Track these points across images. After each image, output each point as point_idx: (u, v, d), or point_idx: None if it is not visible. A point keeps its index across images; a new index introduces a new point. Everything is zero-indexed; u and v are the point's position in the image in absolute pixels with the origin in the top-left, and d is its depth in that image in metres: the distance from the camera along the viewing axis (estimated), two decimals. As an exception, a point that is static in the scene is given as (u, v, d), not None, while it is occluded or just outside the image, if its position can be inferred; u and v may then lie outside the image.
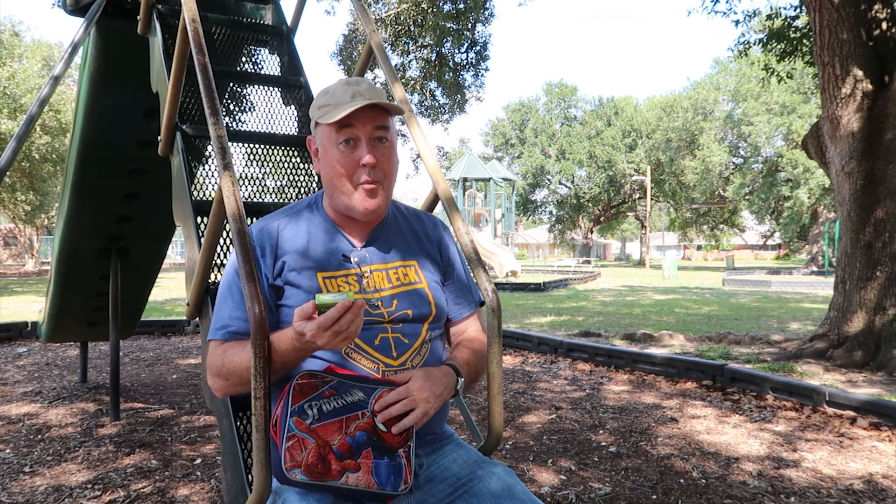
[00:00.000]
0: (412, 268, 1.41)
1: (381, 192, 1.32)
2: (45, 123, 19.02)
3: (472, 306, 1.50)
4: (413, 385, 1.21)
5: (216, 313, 1.33)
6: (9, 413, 4.13)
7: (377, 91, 1.33)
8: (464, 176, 24.82)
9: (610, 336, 7.35)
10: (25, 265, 27.68)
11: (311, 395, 1.17)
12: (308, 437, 1.14)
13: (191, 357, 6.25)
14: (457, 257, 1.52)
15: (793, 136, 28.20)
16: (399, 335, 1.33)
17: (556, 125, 45.89)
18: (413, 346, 1.34)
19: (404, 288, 1.38)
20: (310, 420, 1.15)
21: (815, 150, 6.35)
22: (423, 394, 1.19)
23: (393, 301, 1.35)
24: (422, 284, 1.40)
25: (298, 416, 1.15)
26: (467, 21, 13.44)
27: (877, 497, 2.74)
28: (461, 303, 1.49)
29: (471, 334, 1.47)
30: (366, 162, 1.28)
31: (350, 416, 1.17)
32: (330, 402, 1.18)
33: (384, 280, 1.37)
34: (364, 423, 1.18)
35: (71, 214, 3.83)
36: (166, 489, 2.85)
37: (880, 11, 5.62)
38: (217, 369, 1.26)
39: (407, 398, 1.19)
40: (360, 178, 1.30)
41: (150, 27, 2.68)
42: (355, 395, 1.20)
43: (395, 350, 1.32)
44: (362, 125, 1.29)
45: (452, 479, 1.28)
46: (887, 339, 5.31)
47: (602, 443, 3.52)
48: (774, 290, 16.23)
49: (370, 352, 1.30)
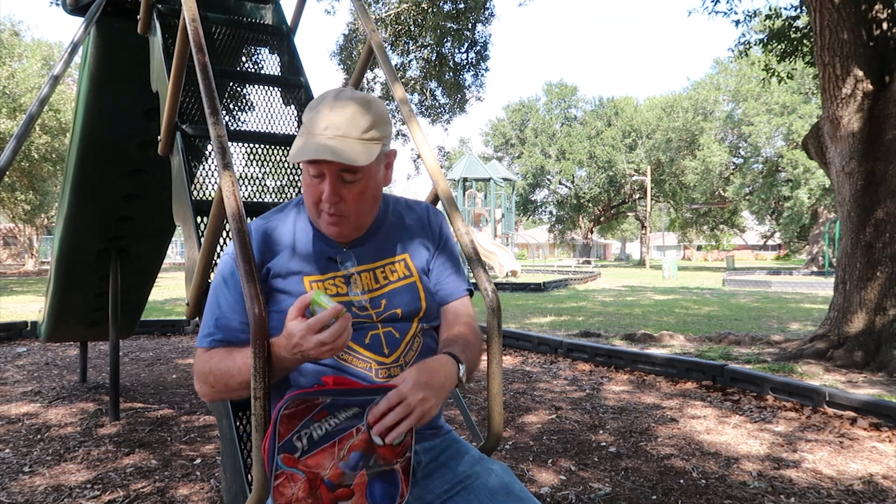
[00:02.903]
0: (402, 262, 1.38)
1: (345, 223, 1.28)
2: (45, 123, 19.03)
3: (461, 291, 1.43)
4: (405, 387, 1.11)
5: (203, 320, 1.32)
6: (8, 413, 4.12)
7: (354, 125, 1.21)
8: (464, 176, 24.80)
9: (610, 336, 7.35)
10: (25, 265, 27.69)
11: (301, 423, 1.10)
12: (297, 472, 1.08)
13: (190, 357, 6.25)
14: (451, 241, 1.48)
15: (793, 136, 28.21)
16: (390, 329, 1.31)
17: (556, 125, 45.91)
18: (405, 340, 1.31)
19: (393, 286, 1.35)
20: (299, 453, 1.09)
21: (815, 150, 6.35)
22: (418, 394, 1.11)
23: (381, 301, 1.32)
24: (413, 278, 1.37)
25: (287, 452, 1.08)
26: (467, 21, 13.44)
27: (877, 498, 2.74)
28: (452, 283, 1.43)
29: (462, 318, 1.41)
30: (325, 199, 1.24)
31: (344, 436, 1.10)
32: (321, 426, 1.10)
33: (372, 280, 1.34)
34: (359, 440, 1.10)
35: (71, 214, 3.83)
36: (166, 489, 2.85)
37: (881, 11, 5.61)
38: (204, 376, 1.26)
39: (399, 404, 1.10)
40: (323, 207, 1.26)
41: (150, 27, 2.68)
42: (349, 411, 1.11)
43: (386, 347, 1.29)
44: (327, 165, 1.21)
45: (450, 476, 1.27)
46: (888, 340, 5.31)
47: (602, 443, 3.52)
48: (774, 290, 16.23)
49: (361, 351, 1.28)
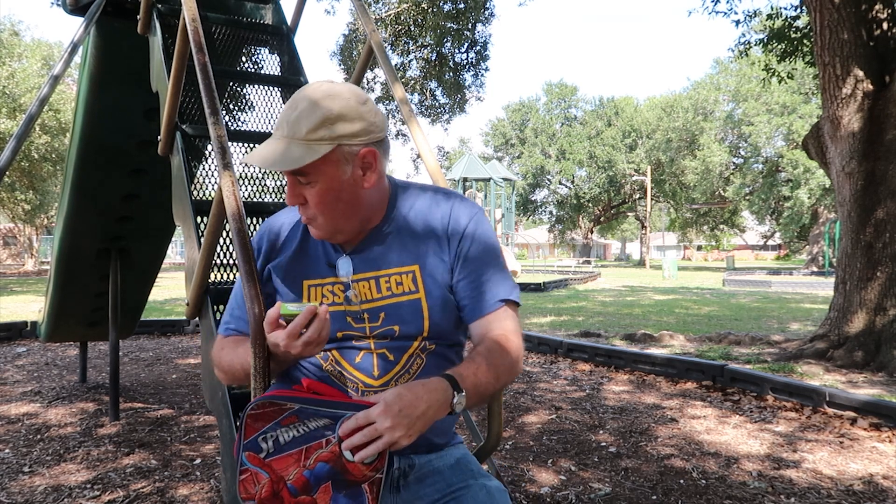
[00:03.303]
0: (410, 274, 1.24)
1: (318, 224, 1.22)
2: (45, 123, 19.03)
3: (493, 304, 1.24)
4: (374, 411, 1.01)
5: (227, 307, 1.38)
6: (8, 413, 4.12)
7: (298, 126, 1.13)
8: (464, 176, 24.82)
9: (610, 336, 7.35)
10: (25, 265, 27.69)
11: (267, 425, 1.08)
12: (261, 472, 1.06)
13: (190, 357, 6.25)
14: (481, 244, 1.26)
15: (793, 136, 28.21)
16: (384, 351, 1.23)
17: (556, 125, 45.91)
18: (400, 363, 1.22)
19: (395, 299, 1.23)
20: (264, 454, 1.07)
21: (815, 150, 6.34)
22: (386, 421, 0.99)
23: (380, 314, 1.23)
24: (418, 294, 1.23)
25: (252, 451, 1.07)
26: (467, 21, 13.44)
27: (877, 498, 2.74)
28: (481, 296, 1.24)
29: (491, 336, 1.22)
30: (287, 202, 1.22)
31: (312, 445, 1.06)
32: (289, 432, 1.07)
33: (372, 290, 1.24)
34: (327, 452, 1.05)
35: (71, 214, 3.83)
36: (166, 489, 2.85)
37: (881, 11, 5.61)
38: (217, 361, 1.31)
39: (368, 426, 1.00)
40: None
41: (150, 27, 2.68)
42: (320, 421, 1.07)
43: (377, 369, 1.21)
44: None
45: (443, 485, 1.21)
46: (888, 340, 5.31)
47: (602, 443, 3.52)
48: (775, 290, 16.23)
49: (350, 370, 1.22)
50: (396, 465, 1.23)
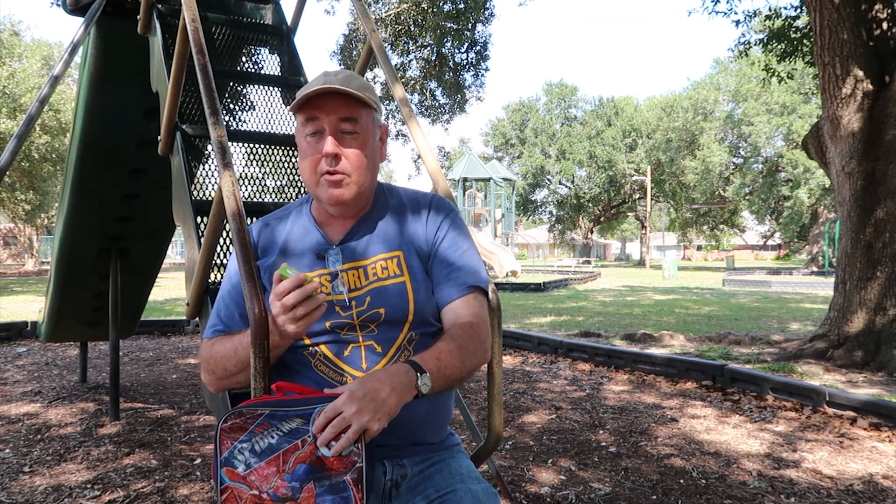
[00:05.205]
0: (395, 259, 1.30)
1: (347, 183, 1.25)
2: (45, 123, 19.03)
3: (462, 289, 1.29)
4: (339, 400, 1.04)
5: (211, 313, 1.37)
6: (8, 413, 4.12)
7: (354, 80, 1.25)
8: (464, 176, 24.82)
9: (610, 336, 7.35)
10: (25, 265, 27.69)
11: (241, 436, 1.08)
12: (242, 486, 1.06)
13: (191, 357, 6.25)
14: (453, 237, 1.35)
15: (793, 136, 28.22)
16: (372, 343, 1.25)
17: (556, 125, 45.91)
18: (388, 355, 1.24)
19: (380, 283, 1.27)
20: (241, 468, 1.06)
21: (815, 150, 6.35)
22: (352, 407, 1.02)
23: (366, 299, 1.26)
24: (402, 278, 1.28)
25: (228, 466, 1.07)
26: (467, 21, 13.44)
27: (877, 498, 2.74)
28: (447, 284, 1.30)
29: (459, 322, 1.27)
30: (326, 152, 1.22)
31: (289, 448, 1.06)
32: (263, 439, 1.07)
33: (360, 278, 1.28)
34: (305, 452, 1.05)
35: (71, 214, 3.83)
36: (166, 489, 2.85)
37: (880, 11, 5.62)
38: (206, 363, 1.30)
39: (335, 417, 1.03)
40: (322, 168, 1.24)
41: (150, 27, 2.68)
42: (292, 423, 1.07)
43: (365, 361, 1.23)
44: (327, 116, 1.23)
45: (431, 491, 1.21)
46: (888, 340, 5.31)
47: (602, 443, 3.52)
48: (774, 290, 16.23)
49: (338, 363, 1.23)
50: (389, 475, 1.23)
